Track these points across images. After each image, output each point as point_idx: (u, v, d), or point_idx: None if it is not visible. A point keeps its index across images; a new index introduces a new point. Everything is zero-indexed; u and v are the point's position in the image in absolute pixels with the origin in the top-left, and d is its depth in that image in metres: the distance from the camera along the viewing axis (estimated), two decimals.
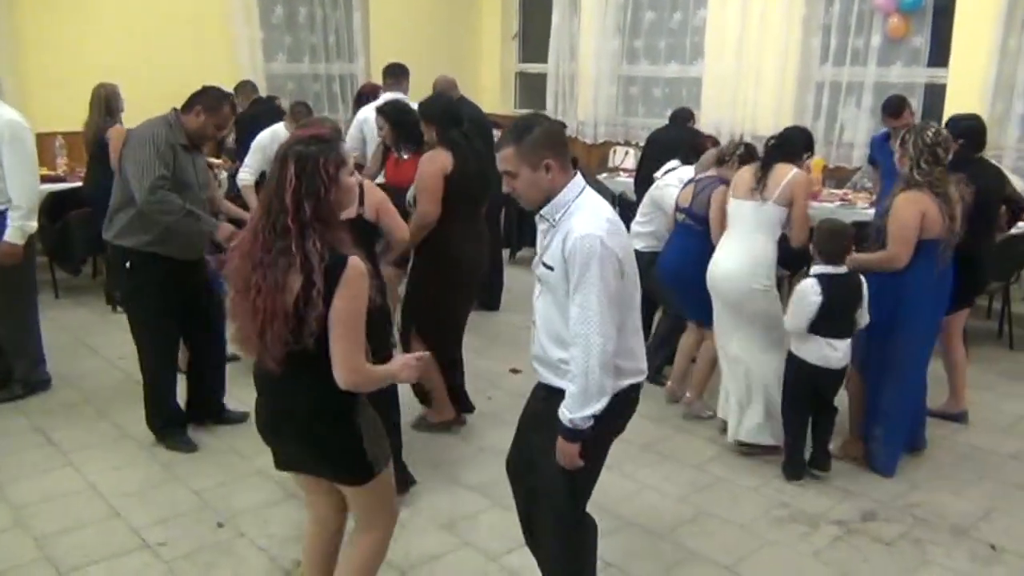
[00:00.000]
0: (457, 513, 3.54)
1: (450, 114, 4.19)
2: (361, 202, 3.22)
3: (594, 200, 2.39)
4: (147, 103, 6.37)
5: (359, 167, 4.76)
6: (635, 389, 2.52)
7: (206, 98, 3.86)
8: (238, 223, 4.98)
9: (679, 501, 3.72)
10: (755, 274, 3.92)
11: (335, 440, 2.34)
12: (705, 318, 4.30)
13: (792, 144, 4.10)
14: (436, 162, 3.99)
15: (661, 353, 4.86)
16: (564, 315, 2.35)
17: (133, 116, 6.18)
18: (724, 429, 4.27)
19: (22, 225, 4.24)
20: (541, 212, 2.40)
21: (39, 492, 3.70)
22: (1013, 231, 5.36)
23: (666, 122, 6.66)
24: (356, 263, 2.19)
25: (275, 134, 5.52)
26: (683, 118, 6.60)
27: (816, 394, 3.87)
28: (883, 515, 3.60)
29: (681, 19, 8.40)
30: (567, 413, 2.32)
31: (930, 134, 3.68)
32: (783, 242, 4.04)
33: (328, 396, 2.26)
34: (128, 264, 3.91)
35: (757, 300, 3.95)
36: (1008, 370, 5.29)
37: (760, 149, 4.24)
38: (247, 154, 5.67)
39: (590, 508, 2.65)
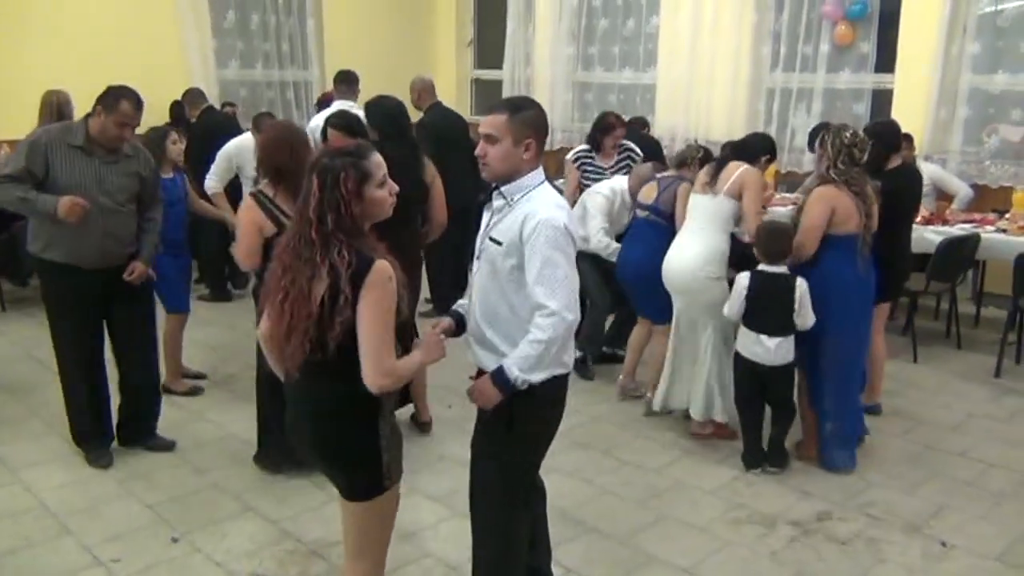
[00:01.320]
0: (418, 523, 3.52)
1: (389, 119, 4.16)
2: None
3: (552, 191, 2.52)
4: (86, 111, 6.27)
5: None
6: (563, 381, 2.61)
7: (104, 97, 3.70)
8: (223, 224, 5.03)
9: (639, 505, 3.75)
10: (706, 263, 4.08)
11: (354, 445, 2.34)
12: (662, 316, 4.45)
13: (750, 147, 4.29)
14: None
15: (588, 349, 5.05)
16: (500, 292, 2.49)
17: None
18: (683, 432, 4.33)
19: None
20: (502, 189, 2.50)
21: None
22: (959, 232, 5.52)
23: None
24: (382, 266, 2.22)
25: (241, 144, 5.59)
26: (640, 125, 6.67)
27: (761, 388, 3.99)
28: (838, 514, 3.66)
29: (634, 26, 8.49)
30: (515, 370, 2.41)
31: (847, 135, 3.85)
32: (735, 244, 4.15)
33: (349, 399, 2.28)
34: (37, 271, 3.87)
35: (709, 289, 4.10)
36: (956, 369, 5.42)
37: (717, 153, 4.41)
38: (205, 163, 5.62)
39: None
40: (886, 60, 6.96)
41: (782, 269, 3.88)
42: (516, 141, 2.44)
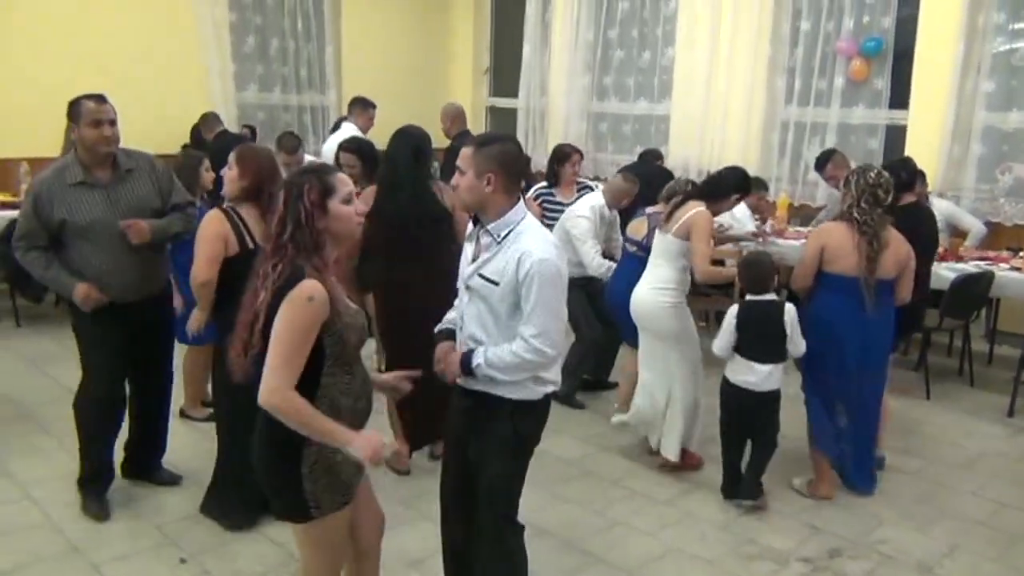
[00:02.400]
0: (426, 550, 3.50)
1: (408, 148, 4.14)
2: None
3: (536, 225, 2.60)
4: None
5: None
6: (551, 397, 2.71)
7: (69, 114, 3.49)
8: None
9: (648, 537, 3.72)
10: (659, 293, 4.18)
11: (272, 468, 2.32)
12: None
13: (719, 185, 4.35)
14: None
15: (571, 380, 5.03)
16: (498, 323, 2.55)
17: None
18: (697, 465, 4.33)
19: None
20: (488, 227, 2.55)
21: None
22: (973, 269, 5.50)
23: (635, 159, 6.77)
24: (307, 285, 2.17)
25: None
26: (653, 157, 6.73)
27: (746, 417, 3.98)
28: (849, 552, 3.63)
29: (650, 58, 8.55)
30: (484, 364, 2.52)
31: (872, 175, 3.86)
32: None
33: (271, 419, 2.23)
34: (69, 307, 3.66)
35: (663, 318, 4.19)
36: (969, 408, 5.38)
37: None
38: (216, 185, 5.65)
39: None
40: (900, 96, 6.99)
41: (770, 296, 3.95)
42: (478, 174, 2.49)
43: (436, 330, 2.78)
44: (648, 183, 5.60)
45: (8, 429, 4.57)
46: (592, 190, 5.55)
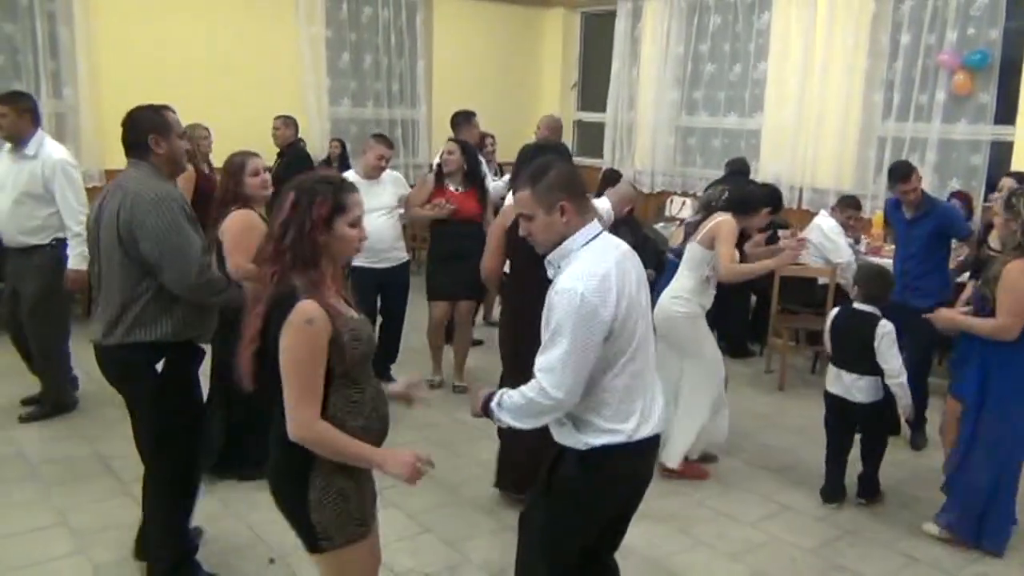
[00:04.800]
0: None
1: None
2: None
3: (598, 249, 2.33)
4: (216, 145, 6.61)
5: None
6: (610, 452, 2.32)
7: (148, 123, 3.01)
8: None
9: (733, 559, 3.65)
10: (674, 302, 4.22)
11: (281, 495, 2.23)
12: None
13: (748, 199, 4.38)
14: (501, 216, 4.09)
15: None
16: None
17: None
18: (782, 485, 4.21)
19: (83, 251, 4.32)
20: (549, 258, 2.39)
21: (100, 520, 3.77)
22: None
23: (723, 172, 6.70)
24: (304, 307, 2.05)
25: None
26: (741, 169, 6.62)
27: (840, 424, 4.09)
28: None
29: (741, 72, 8.44)
30: (496, 407, 2.35)
31: None
32: None
33: (283, 447, 2.13)
34: (167, 360, 3.02)
35: (675, 327, 4.21)
36: None
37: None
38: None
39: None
40: (1006, 111, 6.70)
41: (871, 308, 3.97)
42: (548, 210, 2.30)
43: None
44: None
45: (113, 428, 4.73)
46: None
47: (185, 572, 3.23)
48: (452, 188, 5.32)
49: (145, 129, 2.98)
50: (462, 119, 6.46)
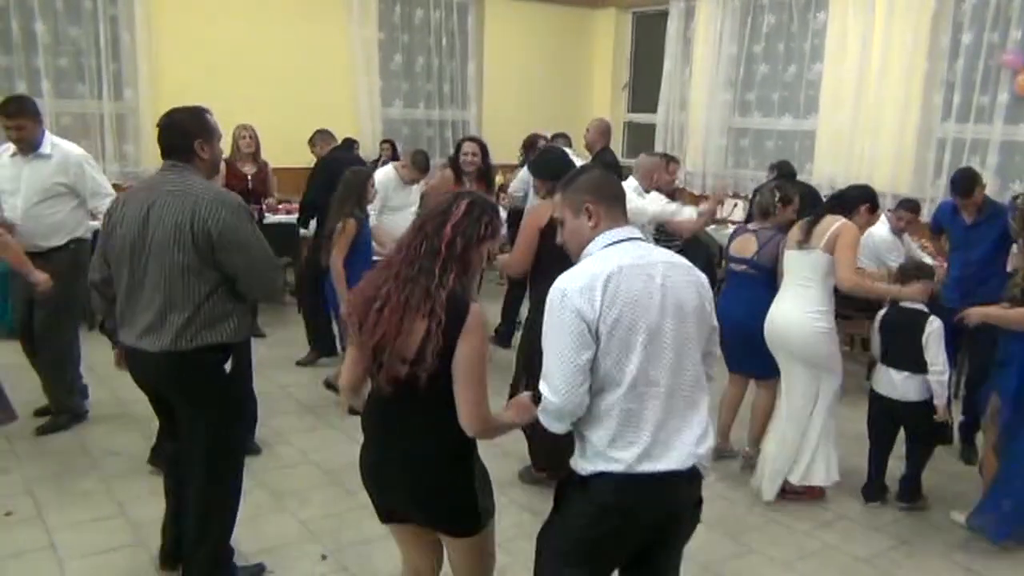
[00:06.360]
0: None
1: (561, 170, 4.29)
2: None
3: (609, 253, 2.19)
4: (271, 144, 6.73)
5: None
6: (605, 480, 2.16)
7: (195, 127, 3.00)
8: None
9: (785, 567, 3.60)
10: (815, 317, 3.96)
11: (451, 487, 2.32)
12: (767, 370, 4.30)
13: (848, 199, 4.22)
14: (535, 214, 4.09)
15: None
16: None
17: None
18: (833, 493, 4.14)
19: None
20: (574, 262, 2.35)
21: (157, 512, 3.83)
22: None
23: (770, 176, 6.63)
24: (478, 311, 2.22)
25: (387, 174, 5.79)
26: (788, 172, 6.51)
27: (881, 421, 4.13)
28: None
29: (796, 72, 8.31)
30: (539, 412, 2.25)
31: None
32: None
33: (447, 440, 2.26)
34: (223, 363, 3.03)
35: (820, 344, 3.99)
36: None
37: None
38: (314, 193, 5.95)
39: (687, 564, 2.55)
40: None
41: (919, 306, 3.99)
42: (575, 211, 2.27)
43: None
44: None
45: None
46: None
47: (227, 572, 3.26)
48: (467, 185, 5.64)
49: (192, 134, 2.98)
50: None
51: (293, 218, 6.61)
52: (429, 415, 2.24)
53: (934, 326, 3.90)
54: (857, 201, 4.18)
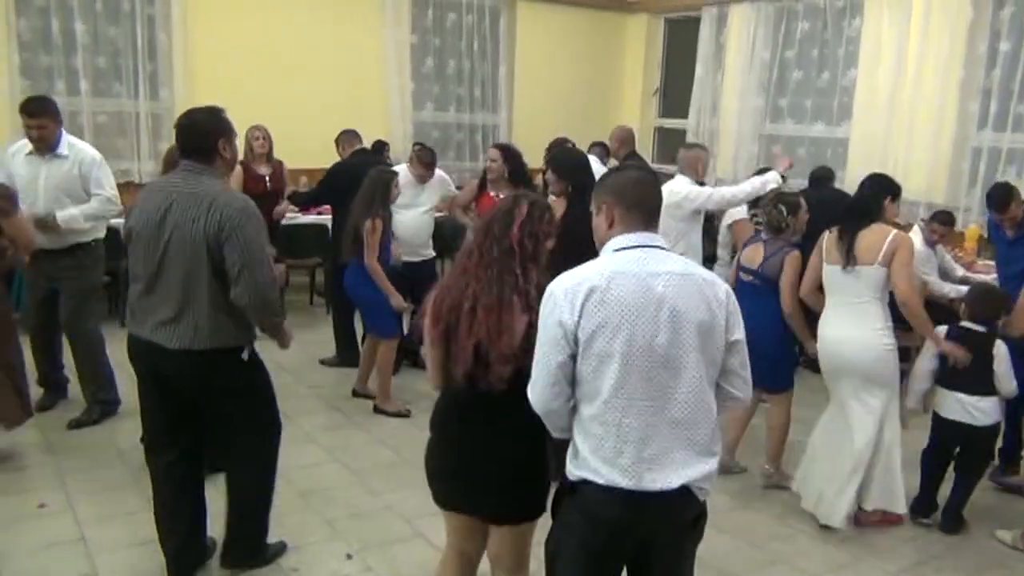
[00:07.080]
0: None
1: (579, 173, 4.30)
2: None
3: (614, 258, 2.13)
4: (302, 145, 6.78)
5: None
6: (589, 489, 2.10)
7: (216, 127, 3.05)
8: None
9: None
10: (882, 335, 3.82)
11: (531, 478, 2.44)
12: (777, 383, 4.26)
13: (871, 205, 3.93)
14: None
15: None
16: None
17: (290, 160, 6.60)
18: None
19: (89, 213, 4.55)
20: None
21: None
22: None
23: (806, 181, 6.57)
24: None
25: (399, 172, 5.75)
26: (827, 178, 6.46)
27: (949, 447, 3.99)
28: None
29: (829, 79, 8.23)
30: None
31: None
32: None
33: (527, 431, 2.31)
34: (240, 353, 3.13)
35: (888, 362, 3.85)
36: None
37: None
38: (324, 194, 6.09)
39: (712, 573, 2.54)
40: None
41: (982, 328, 3.88)
42: (597, 210, 2.24)
43: None
44: (823, 208, 5.36)
45: None
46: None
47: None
48: (493, 195, 5.24)
49: (215, 133, 3.01)
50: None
51: (326, 218, 6.65)
52: (513, 409, 2.28)
53: (1001, 351, 3.79)
54: (879, 200, 3.95)
